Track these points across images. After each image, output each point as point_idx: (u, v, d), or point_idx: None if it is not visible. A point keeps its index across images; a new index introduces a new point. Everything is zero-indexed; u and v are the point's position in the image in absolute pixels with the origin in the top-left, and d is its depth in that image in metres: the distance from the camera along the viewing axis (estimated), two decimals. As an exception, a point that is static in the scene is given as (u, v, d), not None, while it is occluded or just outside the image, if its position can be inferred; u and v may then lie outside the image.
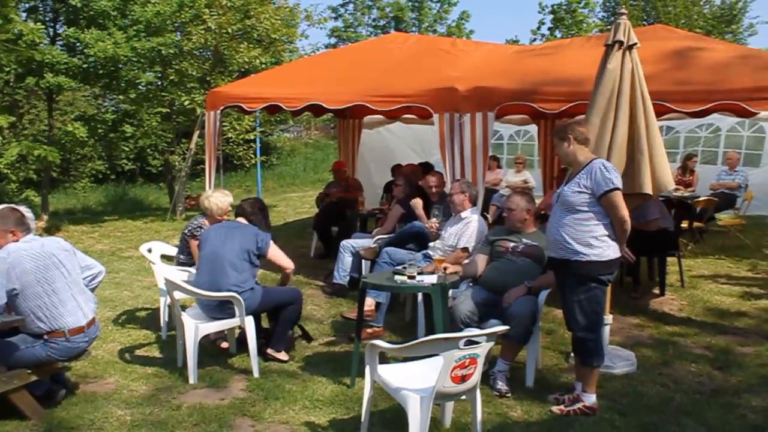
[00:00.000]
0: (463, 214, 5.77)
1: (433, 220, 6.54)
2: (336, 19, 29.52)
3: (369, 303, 5.54)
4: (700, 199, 9.61)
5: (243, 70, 13.82)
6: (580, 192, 4.11)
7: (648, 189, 4.76)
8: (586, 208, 4.09)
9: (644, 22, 24.04)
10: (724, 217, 10.70)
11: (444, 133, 6.55)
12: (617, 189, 4.08)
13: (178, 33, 13.47)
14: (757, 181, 11.42)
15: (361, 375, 3.91)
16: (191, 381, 4.79)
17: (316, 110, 9.17)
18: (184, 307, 5.15)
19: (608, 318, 5.05)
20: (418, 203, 6.87)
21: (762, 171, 12.14)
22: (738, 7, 25.58)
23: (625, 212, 4.11)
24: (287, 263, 5.22)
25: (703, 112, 6.70)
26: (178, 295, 5.00)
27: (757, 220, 11.00)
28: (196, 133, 13.39)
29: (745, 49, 8.15)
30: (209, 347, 5.39)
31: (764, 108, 6.22)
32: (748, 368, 5.10)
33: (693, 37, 8.19)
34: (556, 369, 5.12)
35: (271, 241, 5.16)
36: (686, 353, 5.43)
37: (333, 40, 29.60)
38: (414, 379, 3.64)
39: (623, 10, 5.14)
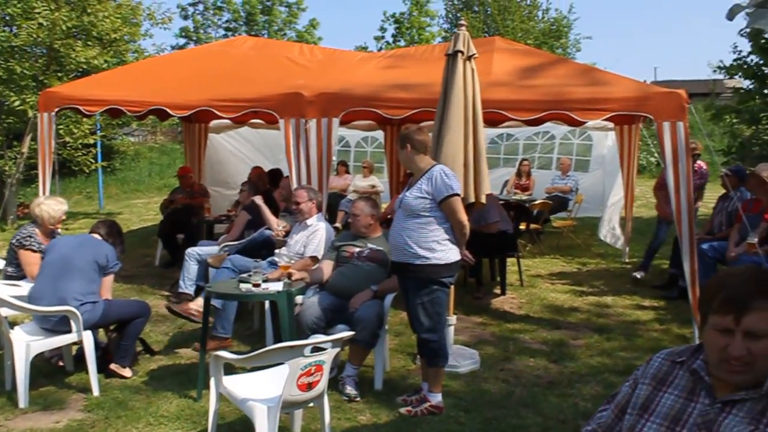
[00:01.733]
0: (309, 222, 5.73)
1: (283, 224, 6.48)
2: (185, 18, 28.58)
3: (198, 303, 5.39)
4: (537, 202, 10.17)
5: (82, 70, 13.02)
6: (421, 197, 4.20)
7: (471, 196, 4.96)
8: (427, 213, 4.19)
9: (485, 34, 25.15)
10: (558, 219, 11.40)
11: (290, 139, 6.50)
12: (456, 195, 4.20)
13: (7, 27, 12.48)
14: (586, 185, 12.21)
15: (208, 387, 3.78)
16: (21, 405, 4.42)
17: (161, 114, 8.82)
18: (13, 324, 4.77)
19: (452, 319, 5.21)
20: (259, 200, 6.77)
21: (590, 176, 12.99)
22: (564, 24, 27.41)
23: (463, 216, 4.25)
24: (106, 294, 4.96)
25: (538, 120, 7.08)
26: (5, 311, 4.62)
27: (587, 221, 11.81)
28: (28, 137, 12.47)
29: (577, 63, 8.71)
30: (43, 366, 5.03)
31: (592, 118, 6.68)
32: (579, 359, 5.44)
33: (530, 49, 8.67)
34: (404, 371, 5.21)
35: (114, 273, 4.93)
36: (525, 348, 5.72)
37: (182, 41, 28.63)
38: (260, 389, 3.58)
39: (463, 22, 5.33)
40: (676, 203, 5.81)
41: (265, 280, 4.61)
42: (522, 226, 9.52)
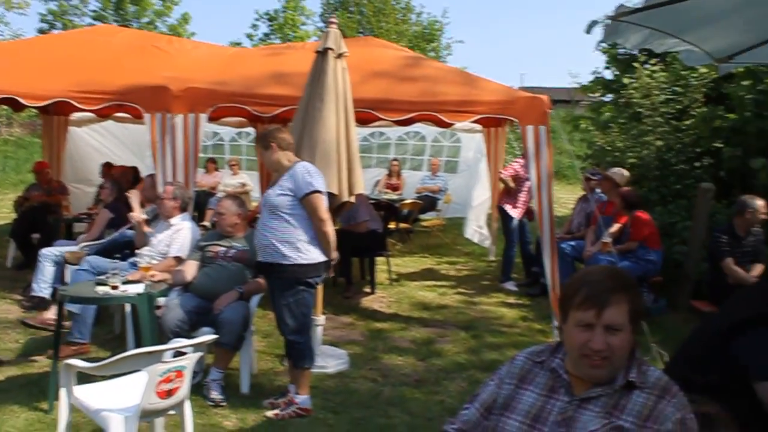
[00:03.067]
0: (172, 221, 5.50)
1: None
2: (46, 1, 26.81)
3: (53, 311, 5.10)
4: (407, 201, 10.33)
5: None
6: (284, 195, 4.14)
7: (345, 193, 4.97)
8: (290, 211, 4.14)
9: (360, 35, 25.30)
10: (428, 219, 11.64)
11: (155, 135, 6.24)
12: (317, 192, 4.17)
13: None
14: (455, 186, 12.53)
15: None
16: None
17: (14, 104, 8.20)
18: None
19: (320, 319, 5.19)
20: (135, 196, 6.47)
21: (459, 176, 13.34)
22: (436, 28, 28.07)
23: (324, 215, 4.20)
24: None
25: (408, 121, 7.17)
26: None
27: (456, 221, 12.12)
28: None
29: (447, 66, 8.91)
30: None
31: (460, 119, 6.84)
32: (446, 357, 5.57)
33: (402, 50, 8.78)
34: (271, 373, 5.12)
35: None
36: (394, 347, 5.78)
37: (45, 27, 26.83)
38: (116, 398, 3.38)
39: (333, 20, 5.31)
40: (538, 204, 6.07)
41: (125, 282, 4.40)
42: (391, 225, 9.64)
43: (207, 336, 3.67)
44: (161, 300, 4.72)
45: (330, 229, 4.25)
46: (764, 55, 3.52)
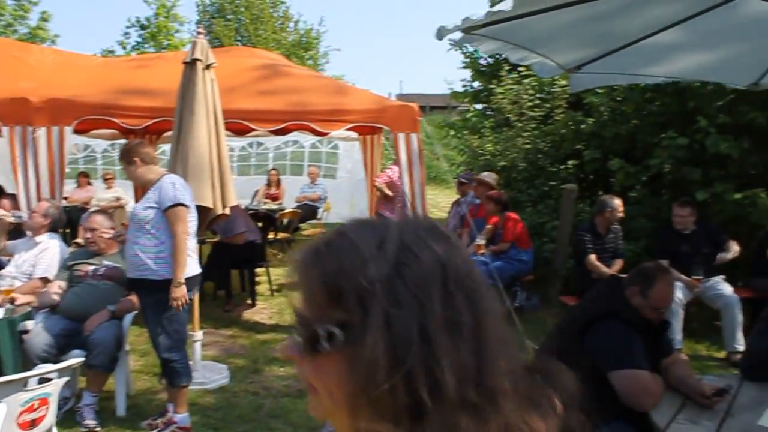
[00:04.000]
0: (38, 239, 5.24)
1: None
2: None
3: None
4: (286, 211, 10.26)
5: None
6: (150, 208, 4.05)
7: (219, 205, 4.92)
8: (157, 225, 4.05)
9: (238, 43, 24.93)
10: (308, 227, 11.62)
11: (16, 149, 5.91)
12: (181, 205, 4.09)
13: None
14: (334, 193, 12.58)
15: None
16: None
17: None
18: None
19: (199, 334, 5.10)
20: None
21: (337, 183, 13.43)
22: (313, 36, 28.07)
23: (182, 228, 4.09)
24: None
25: (282, 130, 7.16)
26: None
27: (336, 227, 12.17)
28: None
29: (320, 75, 8.98)
30: None
31: (332, 129, 6.91)
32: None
33: (275, 59, 8.74)
34: (149, 393, 4.98)
35: None
36: (275, 359, 5.73)
37: None
38: (-25, 431, 3.20)
39: (201, 30, 5.24)
40: (412, 210, 6.21)
41: (-17, 307, 4.15)
42: (270, 236, 9.57)
43: (72, 360, 3.53)
44: (29, 324, 4.48)
45: (189, 245, 4.16)
46: (609, 66, 3.77)
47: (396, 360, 0.72)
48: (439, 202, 15.94)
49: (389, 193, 8.02)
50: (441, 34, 2.66)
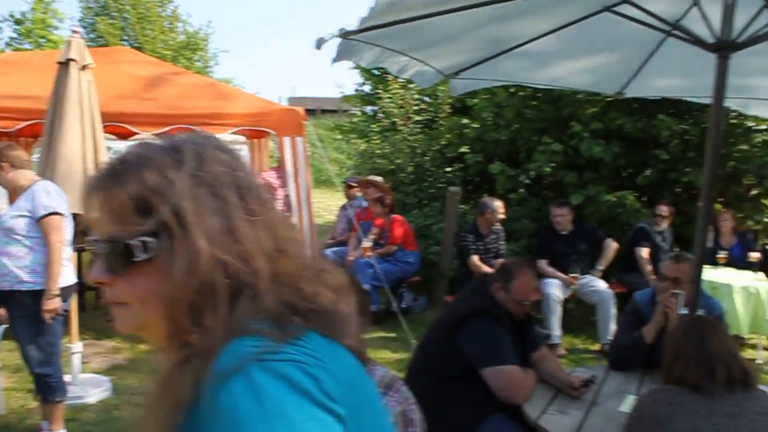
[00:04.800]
0: None
1: None
2: None
3: None
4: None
5: None
6: (21, 216, 3.87)
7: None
8: (28, 234, 3.88)
9: (124, 42, 24.05)
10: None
11: None
12: (56, 213, 3.94)
13: None
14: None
15: None
16: None
17: None
18: None
19: (77, 346, 4.91)
20: None
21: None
22: (200, 38, 27.50)
23: (58, 237, 3.95)
24: None
25: (166, 134, 6.96)
26: None
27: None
28: None
29: (203, 78, 8.81)
30: None
31: (218, 132, 6.78)
32: (215, 373, 5.48)
33: (156, 61, 8.51)
34: (23, 411, 4.73)
35: None
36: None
37: None
38: None
39: (76, 29, 5.04)
40: (298, 213, 6.20)
41: None
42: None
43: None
44: None
45: (64, 256, 4.01)
46: (486, 72, 3.90)
47: (211, 253, 0.84)
48: (329, 206, 15.97)
49: None
50: (320, 43, 2.68)
